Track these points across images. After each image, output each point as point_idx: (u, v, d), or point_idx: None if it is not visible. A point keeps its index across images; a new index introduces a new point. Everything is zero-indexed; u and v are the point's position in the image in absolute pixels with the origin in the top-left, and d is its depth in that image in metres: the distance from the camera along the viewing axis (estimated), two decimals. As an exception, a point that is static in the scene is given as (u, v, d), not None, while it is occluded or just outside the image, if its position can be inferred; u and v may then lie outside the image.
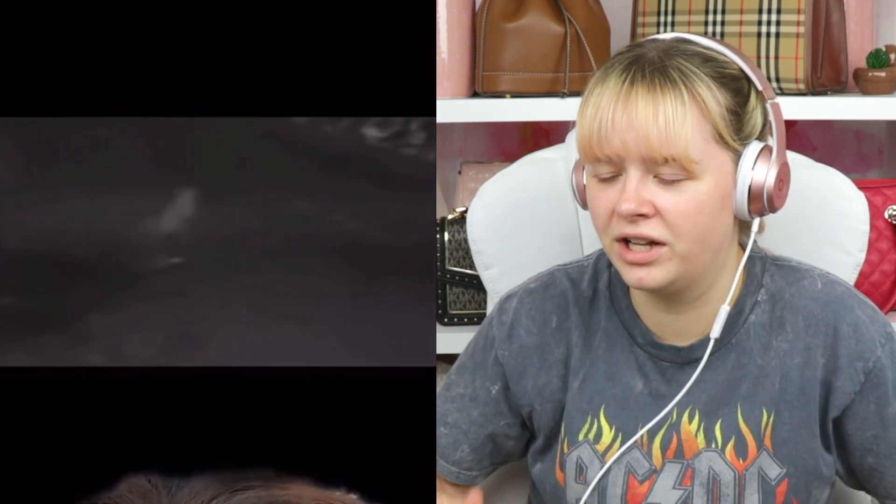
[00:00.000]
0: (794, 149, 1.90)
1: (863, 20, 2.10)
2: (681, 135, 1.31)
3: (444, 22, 2.00)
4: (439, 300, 2.08)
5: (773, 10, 1.95)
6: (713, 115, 1.33)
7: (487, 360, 1.52)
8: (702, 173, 1.33)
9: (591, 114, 1.34)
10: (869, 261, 1.99)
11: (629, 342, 1.46)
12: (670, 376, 1.44)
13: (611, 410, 1.46)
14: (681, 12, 1.99)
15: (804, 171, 1.67)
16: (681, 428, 1.44)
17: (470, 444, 1.55)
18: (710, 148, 1.34)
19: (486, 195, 1.70)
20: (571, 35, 2.00)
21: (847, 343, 1.42)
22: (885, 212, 2.01)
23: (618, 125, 1.32)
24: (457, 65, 2.02)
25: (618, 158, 1.33)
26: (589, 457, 1.46)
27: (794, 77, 1.95)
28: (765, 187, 1.37)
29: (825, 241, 1.63)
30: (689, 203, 1.33)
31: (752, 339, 1.44)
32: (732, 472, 1.42)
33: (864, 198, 1.65)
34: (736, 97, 1.35)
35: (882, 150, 2.30)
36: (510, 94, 2.01)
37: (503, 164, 2.06)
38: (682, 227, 1.34)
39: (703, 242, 1.35)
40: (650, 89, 1.32)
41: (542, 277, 1.53)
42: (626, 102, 1.32)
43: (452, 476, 1.56)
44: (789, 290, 1.45)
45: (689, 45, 1.37)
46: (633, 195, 1.33)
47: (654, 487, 1.44)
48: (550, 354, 1.49)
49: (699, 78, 1.33)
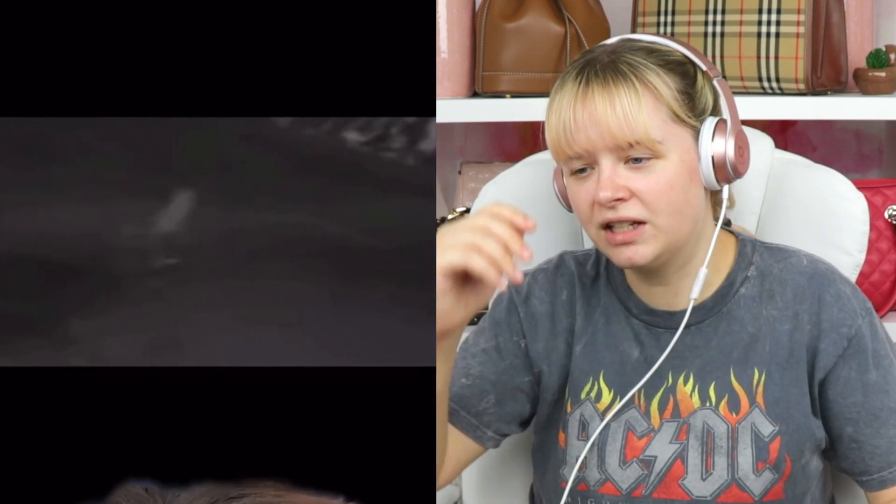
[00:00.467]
0: (794, 149, 1.90)
1: (863, 20, 2.10)
2: (639, 120, 1.42)
3: (444, 22, 2.00)
4: (439, 300, 2.08)
5: (773, 10, 1.95)
6: (666, 97, 1.44)
7: (512, 317, 1.59)
8: (667, 152, 1.44)
9: (555, 118, 1.46)
10: (869, 261, 1.99)
11: (625, 314, 1.55)
12: (664, 342, 1.51)
13: (609, 376, 1.54)
14: (681, 12, 1.99)
15: (804, 171, 1.67)
16: (676, 390, 1.52)
17: (497, 394, 1.57)
18: (670, 127, 1.44)
19: (487, 196, 1.71)
20: (571, 35, 2.00)
21: (830, 310, 1.50)
22: (885, 212, 2.01)
23: (580, 123, 1.44)
24: (457, 65, 2.02)
25: (587, 153, 1.44)
26: (590, 414, 1.53)
27: (794, 77, 1.95)
28: (726, 156, 1.46)
29: (825, 241, 1.64)
30: (661, 181, 1.44)
31: (742, 309, 1.52)
32: (725, 425, 1.49)
33: (864, 198, 1.65)
34: (684, 79, 1.46)
35: (882, 150, 2.30)
36: (510, 94, 2.02)
37: (503, 164, 2.06)
38: (658, 203, 1.44)
39: (680, 214, 1.46)
40: (604, 85, 1.44)
41: (552, 260, 1.62)
42: (584, 101, 1.44)
43: (472, 429, 1.57)
44: (777, 266, 1.53)
45: (633, 42, 1.49)
46: (608, 183, 1.43)
47: (652, 442, 1.51)
48: (560, 323, 1.57)
49: (647, 67, 1.45)
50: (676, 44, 1.49)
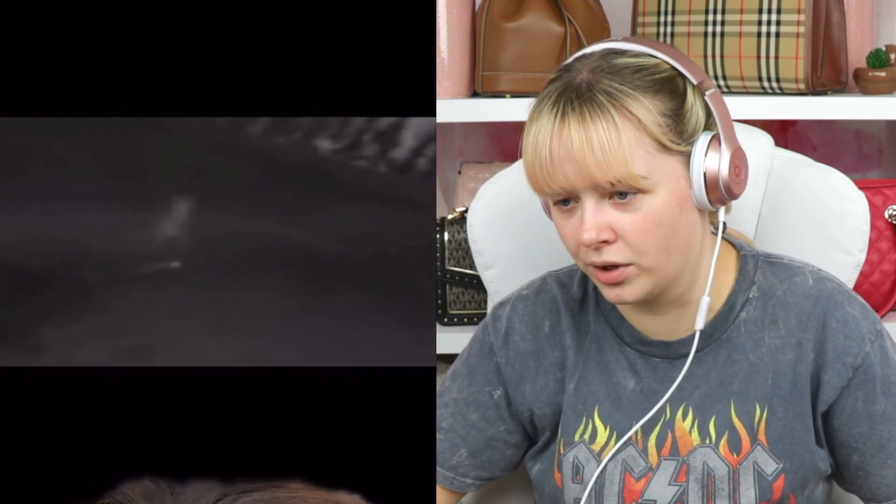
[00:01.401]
0: (794, 149, 1.90)
1: (863, 20, 2.10)
2: (618, 157, 1.32)
3: (444, 22, 2.00)
4: (439, 300, 2.08)
5: (773, 10, 1.94)
6: (649, 127, 1.33)
7: (487, 364, 1.53)
8: (653, 186, 1.34)
9: (531, 151, 1.36)
10: (869, 261, 1.99)
11: (618, 342, 1.48)
12: (661, 372, 1.45)
13: (605, 410, 1.47)
14: (681, 12, 1.99)
15: (805, 171, 1.66)
16: (675, 425, 1.45)
17: (469, 448, 1.54)
18: (655, 159, 1.34)
19: (486, 195, 1.70)
20: (571, 35, 2.00)
21: (835, 338, 1.42)
22: (885, 212, 2.01)
23: (556, 159, 1.33)
24: (457, 65, 2.02)
25: (568, 190, 1.35)
26: (585, 456, 1.47)
27: (794, 77, 1.95)
28: (720, 176, 1.36)
29: (826, 241, 1.63)
30: (646, 220, 1.34)
31: (742, 336, 1.45)
32: (727, 467, 1.43)
33: (865, 198, 1.65)
34: (672, 100, 1.36)
35: (882, 150, 2.30)
36: (510, 93, 2.01)
37: (503, 164, 2.06)
38: (643, 244, 1.35)
39: (667, 251, 1.37)
40: (580, 120, 1.33)
41: (534, 284, 1.54)
42: (559, 136, 1.33)
43: (447, 482, 1.56)
44: (781, 287, 1.45)
45: (617, 57, 1.37)
46: (592, 224, 1.34)
47: (650, 484, 1.45)
48: (545, 359, 1.50)
49: (627, 95, 1.33)
50: (665, 54, 1.37)
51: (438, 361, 2.10)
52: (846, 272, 1.62)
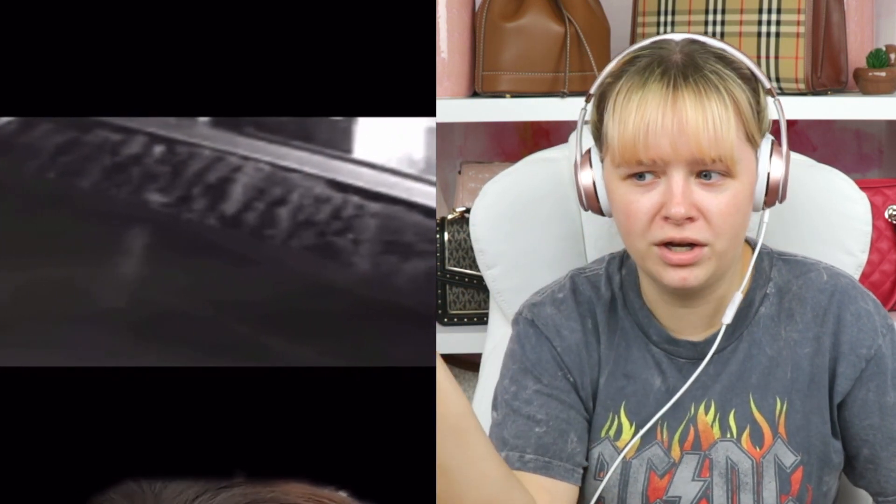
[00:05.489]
0: (794, 149, 1.90)
1: (863, 20, 2.10)
2: (728, 136, 1.35)
3: (444, 22, 2.00)
4: (439, 300, 2.08)
5: (773, 10, 1.95)
6: (746, 115, 1.38)
7: (547, 354, 1.49)
8: (739, 172, 1.37)
9: (637, 118, 1.35)
10: (869, 261, 1.99)
11: (645, 342, 1.49)
12: (686, 372, 1.47)
13: (631, 407, 1.48)
14: (681, 12, 1.99)
15: (806, 171, 1.67)
16: (697, 420, 1.47)
17: (577, 432, 1.48)
18: (744, 147, 1.38)
19: (488, 195, 1.70)
20: (571, 35, 2.00)
21: (850, 331, 1.45)
22: (885, 212, 2.01)
23: (668, 129, 1.34)
24: (457, 65, 2.02)
25: (662, 162, 1.35)
26: (610, 453, 1.48)
27: (794, 77, 1.95)
28: (781, 180, 1.42)
29: (828, 241, 1.63)
30: (730, 203, 1.37)
31: (761, 330, 1.47)
32: (750, 461, 1.45)
33: (867, 198, 1.65)
34: (755, 96, 1.40)
35: (882, 150, 2.30)
36: (510, 93, 2.01)
37: (503, 164, 2.06)
38: (723, 226, 1.37)
39: (737, 239, 1.40)
40: (696, 93, 1.35)
41: (564, 285, 1.52)
42: (674, 106, 1.35)
43: (569, 474, 1.46)
44: (796, 283, 1.48)
45: (704, 47, 1.40)
46: (682, 199, 1.35)
47: (674, 480, 1.46)
48: (593, 354, 1.50)
49: (732, 80, 1.37)
50: (742, 55, 1.41)
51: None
52: (848, 272, 1.62)
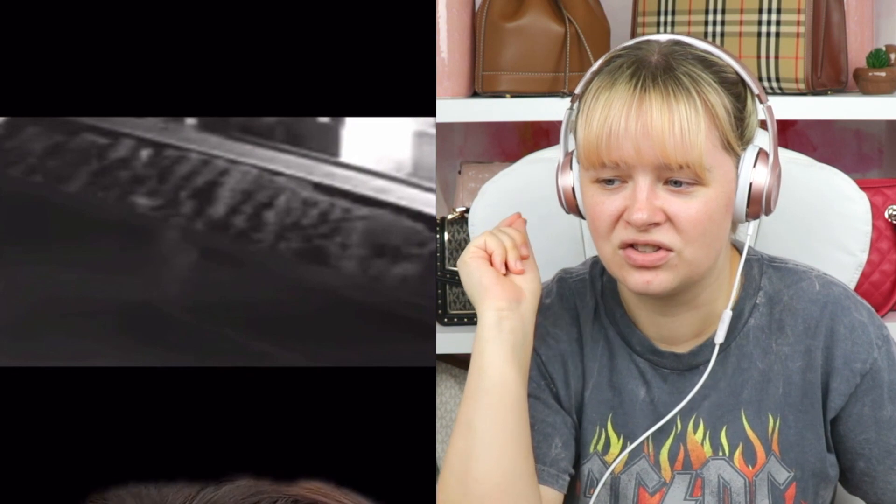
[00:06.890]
0: (794, 148, 1.90)
1: (863, 20, 2.10)
2: (696, 142, 1.29)
3: (444, 22, 2.00)
4: (439, 300, 2.08)
5: (773, 10, 1.94)
6: (722, 121, 1.32)
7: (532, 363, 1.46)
8: (711, 180, 1.32)
9: (601, 119, 1.31)
10: (869, 261, 1.99)
11: (628, 351, 1.46)
12: (672, 383, 1.44)
13: (618, 419, 1.45)
14: (681, 12, 1.99)
15: (806, 171, 1.66)
16: (686, 437, 1.43)
17: (561, 437, 1.45)
18: (718, 154, 1.32)
19: (488, 195, 1.70)
20: (571, 35, 2.00)
21: (843, 345, 1.41)
22: (885, 212, 2.01)
23: (631, 132, 1.30)
24: (457, 65, 2.02)
25: (626, 165, 1.31)
26: (599, 469, 1.45)
27: (794, 77, 1.95)
28: (765, 191, 1.36)
29: (827, 241, 1.63)
30: (700, 210, 1.32)
31: (751, 343, 1.43)
32: (742, 479, 1.42)
33: (867, 198, 1.65)
34: (737, 102, 1.34)
35: (882, 150, 2.30)
36: (510, 93, 2.01)
37: (503, 164, 2.06)
38: (692, 233, 1.32)
39: (709, 247, 1.34)
40: (664, 96, 1.30)
41: (552, 291, 1.51)
42: (639, 109, 1.30)
43: (554, 481, 1.44)
44: (787, 293, 1.44)
45: (686, 48, 1.35)
46: (645, 204, 1.30)
47: (666, 499, 1.44)
48: (577, 365, 1.47)
49: (707, 83, 1.31)
50: (730, 58, 1.35)
51: (438, 361, 2.10)
52: (848, 272, 1.62)
